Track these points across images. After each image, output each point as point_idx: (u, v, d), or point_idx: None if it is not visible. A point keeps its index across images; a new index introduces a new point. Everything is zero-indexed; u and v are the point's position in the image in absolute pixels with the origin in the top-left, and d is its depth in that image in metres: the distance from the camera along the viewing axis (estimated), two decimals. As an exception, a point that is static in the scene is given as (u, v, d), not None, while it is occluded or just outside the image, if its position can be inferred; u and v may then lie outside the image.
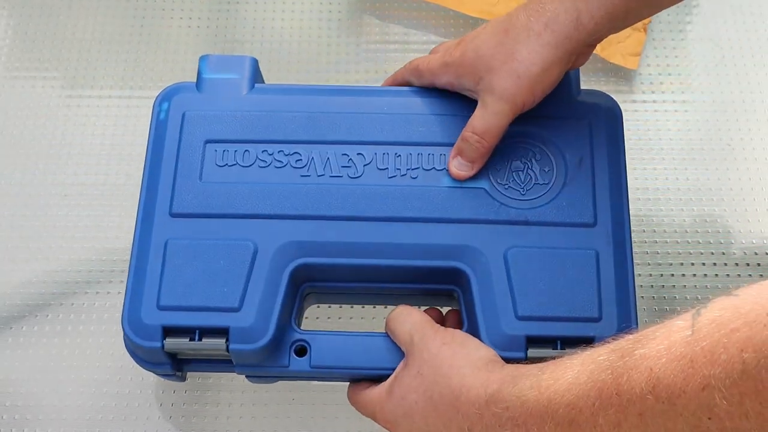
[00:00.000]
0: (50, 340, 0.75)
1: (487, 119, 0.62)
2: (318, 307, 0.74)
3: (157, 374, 0.64)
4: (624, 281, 0.61)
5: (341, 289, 0.65)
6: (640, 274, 0.77)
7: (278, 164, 0.65)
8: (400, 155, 0.65)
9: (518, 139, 0.65)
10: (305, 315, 0.73)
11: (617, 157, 0.66)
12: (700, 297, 0.77)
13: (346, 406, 0.71)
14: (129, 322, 0.60)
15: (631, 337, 0.46)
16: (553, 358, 0.51)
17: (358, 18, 0.94)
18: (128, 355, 0.72)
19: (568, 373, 0.48)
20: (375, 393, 0.60)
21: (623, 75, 0.90)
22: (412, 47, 0.92)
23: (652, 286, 0.77)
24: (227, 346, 0.59)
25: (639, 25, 0.90)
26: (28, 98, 0.88)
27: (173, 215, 0.63)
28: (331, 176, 0.64)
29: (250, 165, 0.65)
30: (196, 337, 0.59)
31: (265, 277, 0.60)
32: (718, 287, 0.77)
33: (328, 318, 0.74)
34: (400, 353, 0.60)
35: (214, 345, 0.59)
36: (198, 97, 0.67)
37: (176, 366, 0.62)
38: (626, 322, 0.60)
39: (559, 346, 0.58)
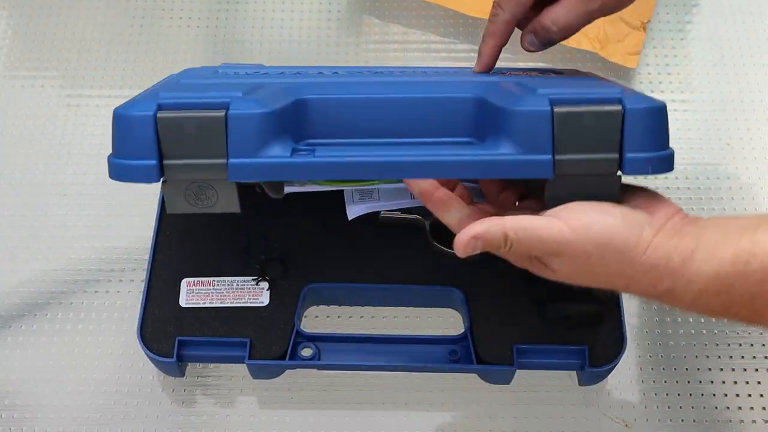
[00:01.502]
0: (50, 340, 0.75)
1: (570, 18, 0.64)
2: (318, 306, 0.75)
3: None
4: None
5: (346, 147, 0.57)
6: (639, 274, 0.77)
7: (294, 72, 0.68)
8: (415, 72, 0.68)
9: None
10: (305, 314, 0.73)
11: None
12: (699, 296, 0.76)
13: (346, 406, 0.71)
14: None
15: None
16: None
17: (358, 18, 0.95)
18: (128, 354, 0.73)
19: None
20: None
21: (623, 74, 0.90)
22: (412, 47, 0.92)
23: (651, 285, 0.77)
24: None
25: (638, 23, 0.90)
26: (28, 98, 0.88)
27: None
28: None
29: (266, 73, 0.67)
30: None
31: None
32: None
33: (327, 317, 0.74)
34: None
35: None
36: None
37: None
38: None
39: None
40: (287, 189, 0.68)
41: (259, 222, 0.74)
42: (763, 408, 0.72)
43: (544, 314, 0.70)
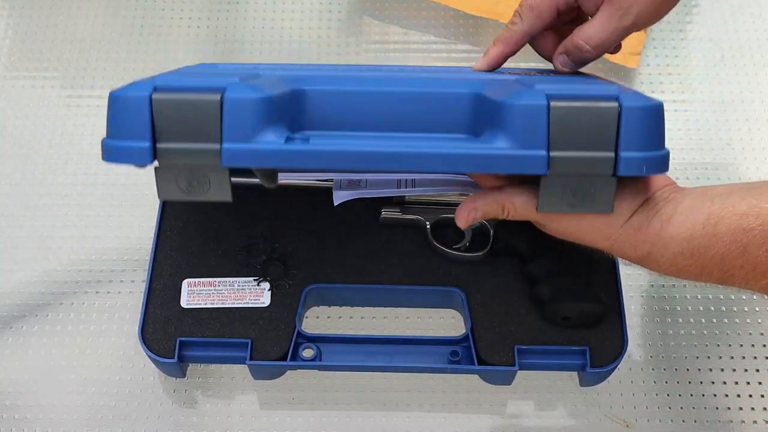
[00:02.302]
0: (50, 340, 0.75)
1: (604, 35, 0.63)
2: (318, 306, 0.75)
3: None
4: None
5: (340, 137, 0.57)
6: (640, 274, 0.77)
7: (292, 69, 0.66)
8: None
9: None
10: (306, 315, 0.73)
11: None
12: (699, 297, 0.77)
13: (346, 407, 0.71)
14: None
15: None
16: None
17: (358, 18, 0.94)
18: (128, 355, 0.73)
19: None
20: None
21: (623, 74, 0.90)
22: (412, 47, 0.92)
23: (651, 285, 0.77)
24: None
25: (639, 24, 0.90)
26: (28, 98, 0.88)
27: None
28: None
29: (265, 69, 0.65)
30: None
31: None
32: (718, 287, 0.77)
33: (329, 317, 0.74)
34: None
35: None
36: None
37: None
38: None
39: None
40: (283, 177, 0.67)
41: (260, 223, 0.74)
42: (764, 408, 0.72)
43: (545, 315, 0.70)
